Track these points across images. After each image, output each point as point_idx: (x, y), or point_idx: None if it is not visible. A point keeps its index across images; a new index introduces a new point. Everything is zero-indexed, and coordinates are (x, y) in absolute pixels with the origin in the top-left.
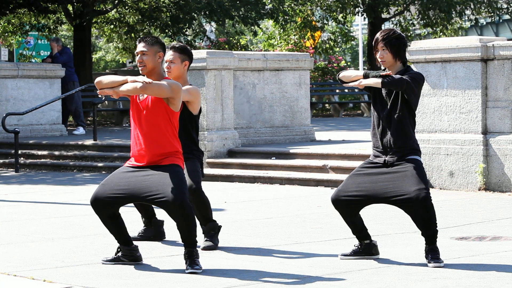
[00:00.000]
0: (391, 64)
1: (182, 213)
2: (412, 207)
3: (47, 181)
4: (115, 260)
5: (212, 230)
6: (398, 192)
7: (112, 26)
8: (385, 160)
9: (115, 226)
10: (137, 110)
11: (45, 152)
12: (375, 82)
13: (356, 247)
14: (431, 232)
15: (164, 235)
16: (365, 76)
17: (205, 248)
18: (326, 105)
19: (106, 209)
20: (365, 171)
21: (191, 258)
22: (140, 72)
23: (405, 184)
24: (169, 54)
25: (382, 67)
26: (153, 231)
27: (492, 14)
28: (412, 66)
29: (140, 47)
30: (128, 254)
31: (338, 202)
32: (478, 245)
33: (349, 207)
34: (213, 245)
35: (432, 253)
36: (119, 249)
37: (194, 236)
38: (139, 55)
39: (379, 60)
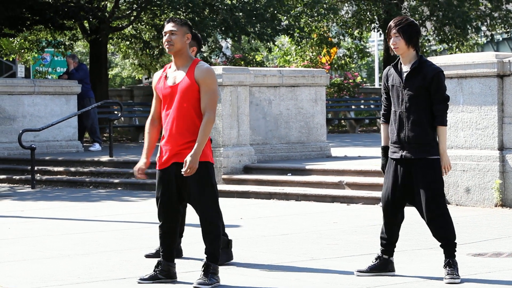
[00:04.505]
0: (403, 51)
1: (206, 229)
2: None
3: (62, 198)
4: (152, 279)
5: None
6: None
7: (128, 43)
8: (401, 155)
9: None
10: (169, 95)
11: (61, 169)
12: (444, 145)
13: (373, 263)
14: (447, 242)
15: (181, 253)
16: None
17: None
18: (342, 121)
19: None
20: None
21: (205, 272)
22: (167, 51)
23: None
24: None
25: (395, 54)
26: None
27: (508, 30)
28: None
29: (169, 26)
30: (166, 270)
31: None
32: (494, 261)
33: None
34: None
35: (449, 268)
36: (158, 265)
37: (215, 252)
38: (167, 35)
39: (392, 47)
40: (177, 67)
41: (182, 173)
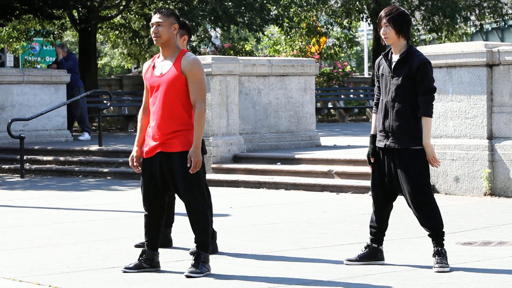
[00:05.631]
0: (394, 40)
1: (194, 218)
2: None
3: (52, 187)
4: (137, 267)
5: None
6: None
7: (117, 32)
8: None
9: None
10: (156, 85)
11: (50, 158)
12: (428, 136)
13: (362, 252)
14: (434, 231)
15: (171, 242)
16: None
17: (192, 253)
18: (332, 110)
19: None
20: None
21: (196, 261)
22: (155, 43)
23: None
24: None
25: (386, 44)
26: (161, 239)
27: (498, 19)
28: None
29: (156, 18)
30: (150, 259)
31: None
32: (483, 250)
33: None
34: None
35: (438, 257)
36: (143, 254)
37: (204, 240)
38: (154, 26)
39: (383, 36)
40: (164, 57)
41: (190, 171)
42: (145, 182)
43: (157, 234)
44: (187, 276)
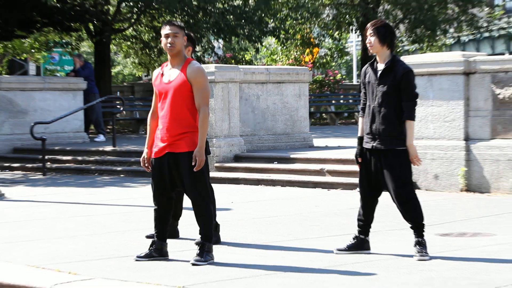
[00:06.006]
0: (378, 49)
1: (199, 212)
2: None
3: (70, 184)
4: (147, 256)
5: None
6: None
7: (129, 43)
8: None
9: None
10: (164, 91)
11: (69, 157)
12: (411, 138)
13: (350, 242)
14: (416, 224)
15: (178, 234)
16: (362, 153)
17: (197, 244)
18: (324, 114)
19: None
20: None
21: (201, 250)
22: (169, 52)
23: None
24: None
25: (370, 52)
26: (169, 231)
27: (474, 32)
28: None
29: (171, 29)
30: (159, 248)
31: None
32: (459, 240)
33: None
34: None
35: (419, 247)
36: (153, 244)
37: (207, 232)
38: (170, 37)
39: (368, 45)
40: (172, 65)
41: (194, 169)
42: (155, 180)
43: (166, 226)
44: (193, 264)
